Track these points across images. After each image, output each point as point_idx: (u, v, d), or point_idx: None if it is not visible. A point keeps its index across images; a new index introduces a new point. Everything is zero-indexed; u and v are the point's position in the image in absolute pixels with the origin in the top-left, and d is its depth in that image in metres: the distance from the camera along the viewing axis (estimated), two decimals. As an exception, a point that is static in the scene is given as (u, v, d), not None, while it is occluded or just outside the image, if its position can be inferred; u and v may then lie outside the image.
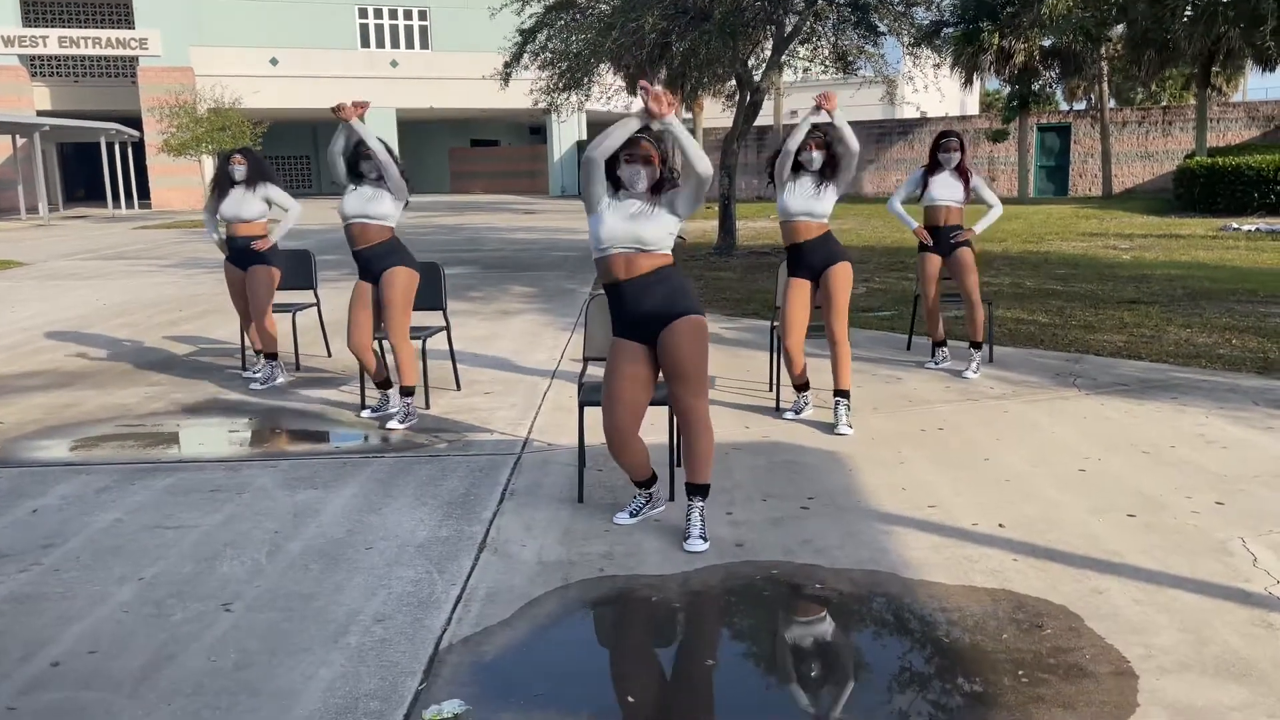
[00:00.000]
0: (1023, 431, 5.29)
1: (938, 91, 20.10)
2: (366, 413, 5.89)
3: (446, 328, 6.39)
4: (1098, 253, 14.12)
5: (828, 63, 15.66)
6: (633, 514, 4.10)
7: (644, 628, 3.24)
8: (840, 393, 5.44)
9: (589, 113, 22.55)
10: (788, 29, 14.68)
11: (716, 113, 27.81)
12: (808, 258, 5.48)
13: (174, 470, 4.87)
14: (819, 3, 13.87)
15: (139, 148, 34.57)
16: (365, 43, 38.77)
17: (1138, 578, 3.47)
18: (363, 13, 38.70)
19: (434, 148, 44.74)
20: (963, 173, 6.54)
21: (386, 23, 38.99)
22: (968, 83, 28.55)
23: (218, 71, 34.06)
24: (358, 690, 2.80)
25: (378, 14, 38.88)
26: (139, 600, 3.40)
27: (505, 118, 42.19)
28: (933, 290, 6.64)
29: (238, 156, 6.69)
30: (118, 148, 33.30)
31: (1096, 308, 9.18)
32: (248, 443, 5.45)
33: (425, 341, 6.10)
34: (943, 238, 6.57)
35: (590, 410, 4.41)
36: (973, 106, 47.94)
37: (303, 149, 46.64)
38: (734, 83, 17.48)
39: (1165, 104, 36.89)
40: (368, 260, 5.59)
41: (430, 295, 6.22)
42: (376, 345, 5.73)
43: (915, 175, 6.67)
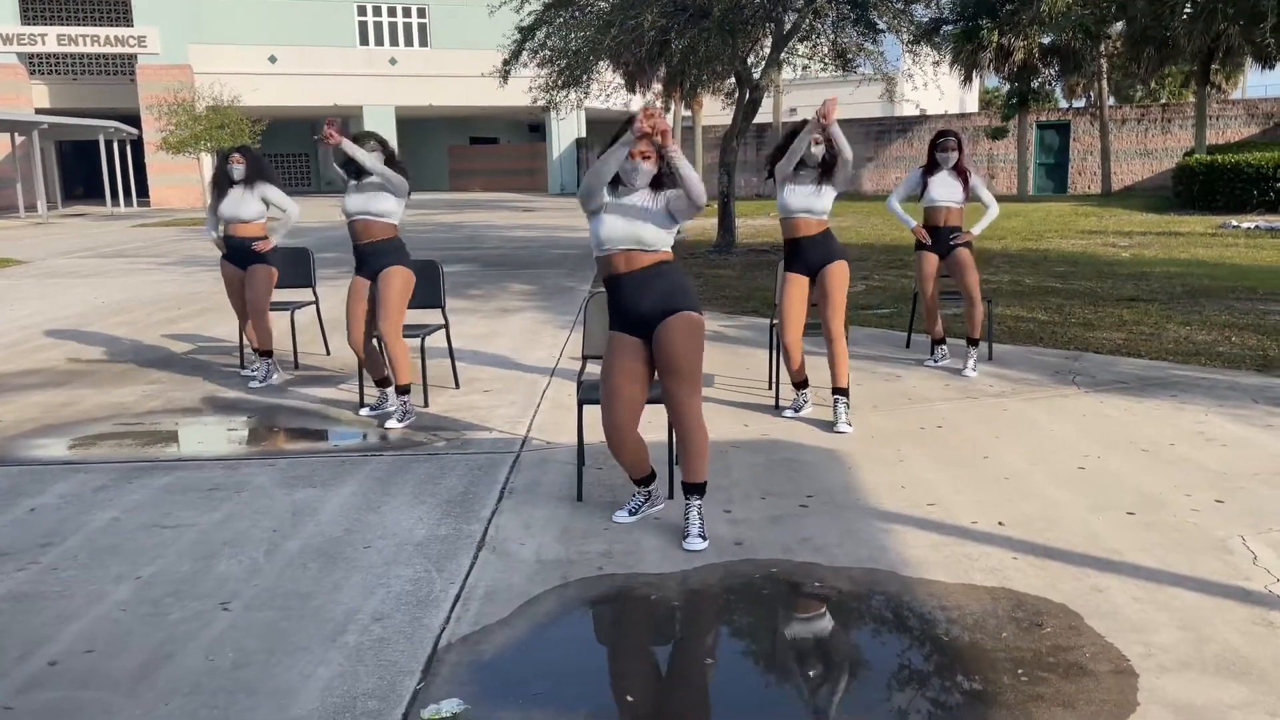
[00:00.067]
0: (1022, 429, 5.29)
1: (937, 89, 20.11)
2: (365, 411, 5.88)
3: (445, 326, 6.38)
4: (1097, 250, 14.11)
5: (827, 60, 15.66)
6: (632, 512, 4.09)
7: (643, 626, 3.23)
8: (839, 391, 5.44)
9: (588, 110, 22.57)
10: (787, 26, 14.67)
11: (716, 110, 27.81)
12: (806, 254, 5.49)
13: (172, 469, 4.86)
14: (818, 0, 13.85)
15: (138, 145, 34.55)
16: (364, 40, 38.74)
17: (1137, 576, 3.46)
18: (361, 10, 38.68)
19: (433, 145, 44.71)
20: (961, 172, 6.53)
21: (385, 20, 38.95)
22: (967, 80, 28.54)
23: (216, 69, 34.03)
24: (356, 689, 2.79)
25: (376, 11, 38.84)
26: (137, 599, 3.39)
27: (504, 115, 42.17)
28: (931, 288, 6.64)
29: (236, 155, 6.68)
30: (116, 145, 33.29)
31: (1096, 305, 9.17)
32: (246, 441, 5.44)
33: (424, 339, 6.10)
34: (942, 238, 6.56)
35: (589, 408, 4.40)
36: (972, 104, 47.90)
37: (302, 147, 46.59)
38: (733, 80, 17.48)
39: (1164, 101, 36.88)
40: (369, 256, 5.59)
41: (429, 293, 6.21)
42: (375, 344, 5.73)
43: (913, 175, 6.65)
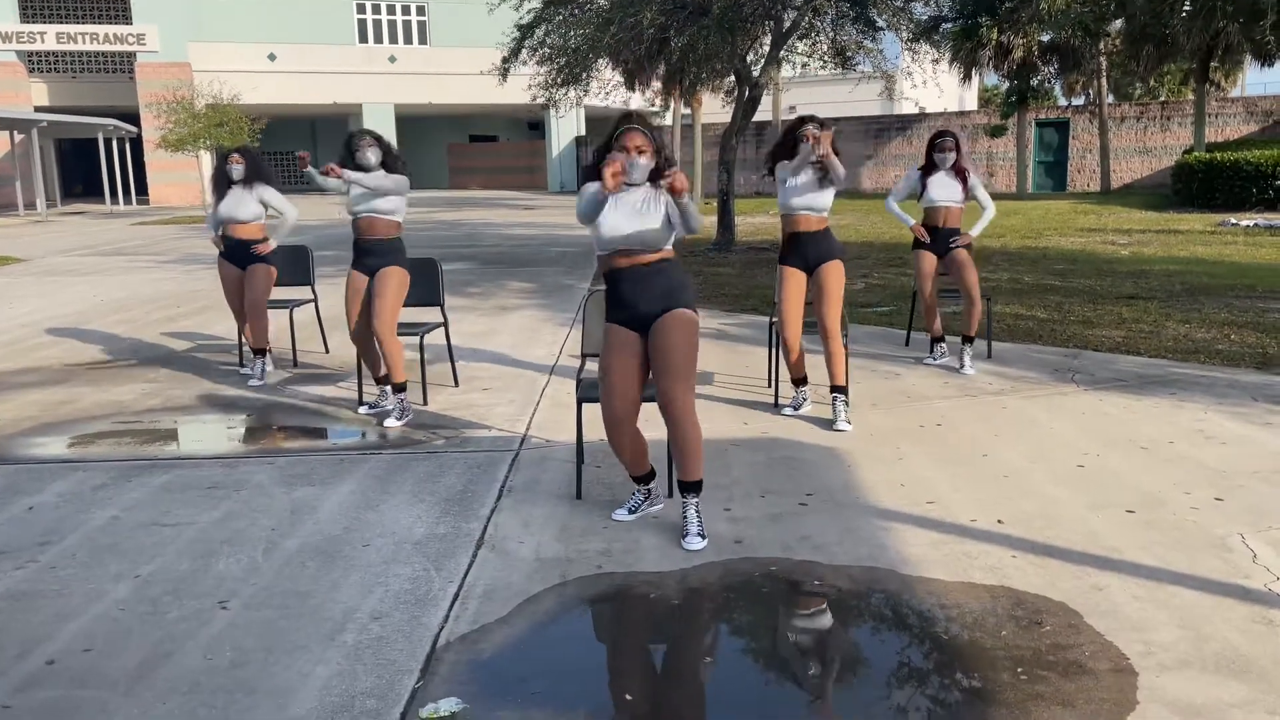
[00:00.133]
0: (1021, 427, 5.29)
1: (936, 87, 20.08)
2: (364, 409, 5.88)
3: (444, 324, 6.37)
4: (1096, 248, 14.11)
5: (826, 58, 15.65)
6: (631, 510, 4.09)
7: (642, 625, 3.23)
8: (837, 389, 5.43)
9: (587, 108, 22.54)
10: (786, 24, 14.66)
11: (715, 108, 27.78)
12: (805, 249, 5.49)
13: (171, 467, 4.86)
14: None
15: (137, 143, 34.53)
16: (364, 38, 38.71)
17: (1137, 574, 3.46)
18: (361, 8, 38.64)
19: (432, 143, 44.68)
20: (960, 172, 6.53)
21: (385, 18, 38.93)
22: (966, 78, 28.51)
23: (216, 67, 34.01)
24: (354, 689, 2.79)
25: (376, 9, 38.82)
26: (135, 598, 3.39)
27: (504, 113, 42.15)
28: (930, 287, 6.63)
29: (235, 156, 6.69)
30: (115, 143, 33.27)
31: (1095, 303, 9.16)
32: (245, 439, 5.44)
33: (423, 337, 6.09)
34: (941, 238, 6.56)
35: (588, 406, 4.39)
36: (971, 102, 47.86)
37: (301, 145, 46.57)
38: (732, 78, 17.47)
39: (1164, 99, 36.84)
40: (369, 252, 5.61)
41: (428, 291, 6.20)
42: (375, 342, 5.72)
43: (911, 176, 6.66)
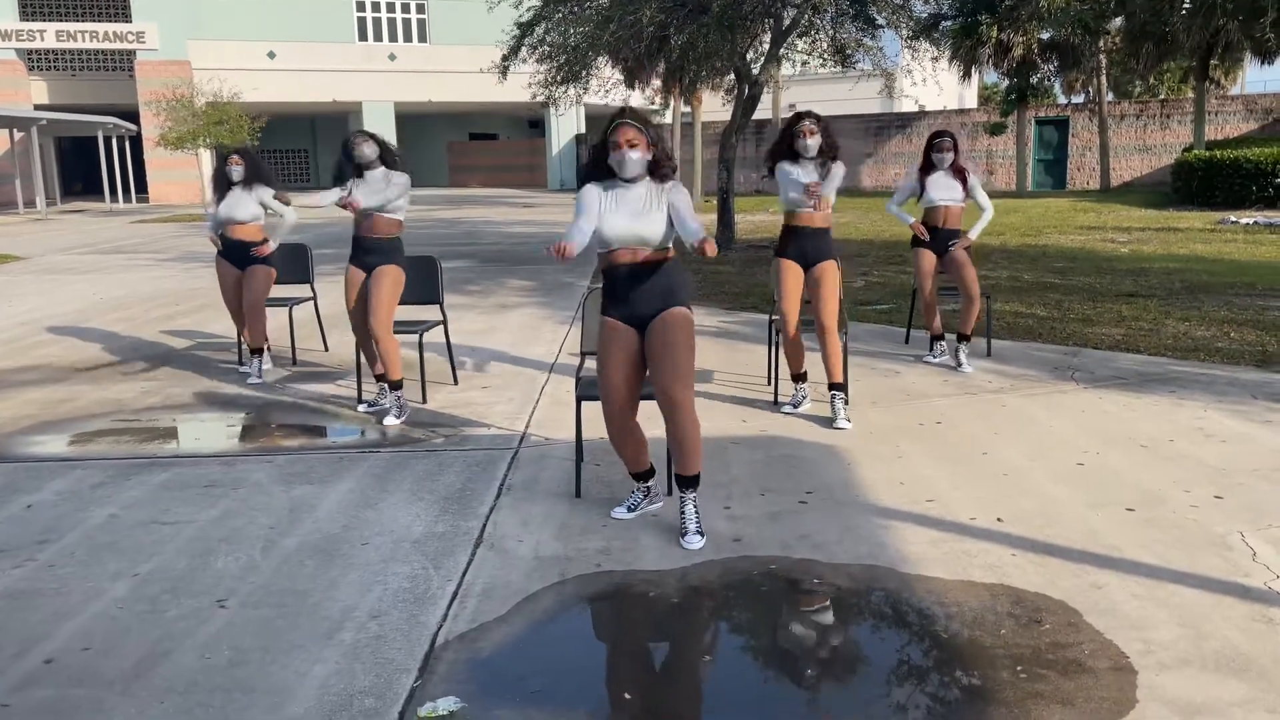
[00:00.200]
0: (1021, 425, 5.28)
1: (936, 85, 20.06)
2: (363, 407, 5.87)
3: (444, 322, 6.37)
4: (1096, 246, 14.10)
5: (826, 56, 15.63)
6: (630, 509, 4.08)
7: (641, 623, 3.22)
8: (835, 386, 5.42)
9: (587, 106, 22.51)
10: (786, 22, 14.64)
11: (715, 106, 27.77)
12: (803, 244, 5.49)
13: (170, 465, 4.85)
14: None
15: (136, 142, 34.51)
16: (363, 36, 38.67)
17: (1137, 572, 3.45)
18: (360, 6, 38.60)
19: (432, 141, 44.67)
20: (959, 171, 6.52)
21: (384, 16, 38.88)
22: (966, 76, 28.49)
23: (215, 65, 33.98)
24: (352, 687, 2.78)
25: (375, 7, 38.78)
26: (133, 596, 3.38)
27: (504, 111, 42.13)
28: (929, 284, 6.62)
29: (235, 157, 6.69)
30: (115, 142, 33.25)
31: (1094, 301, 9.16)
32: (243, 437, 5.43)
33: (422, 335, 6.09)
34: (940, 238, 6.55)
35: (587, 404, 4.39)
36: (971, 100, 47.83)
37: (301, 143, 46.54)
38: (732, 76, 17.46)
39: (1163, 97, 36.83)
40: (369, 250, 5.62)
41: (427, 289, 6.20)
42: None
43: (911, 177, 6.68)
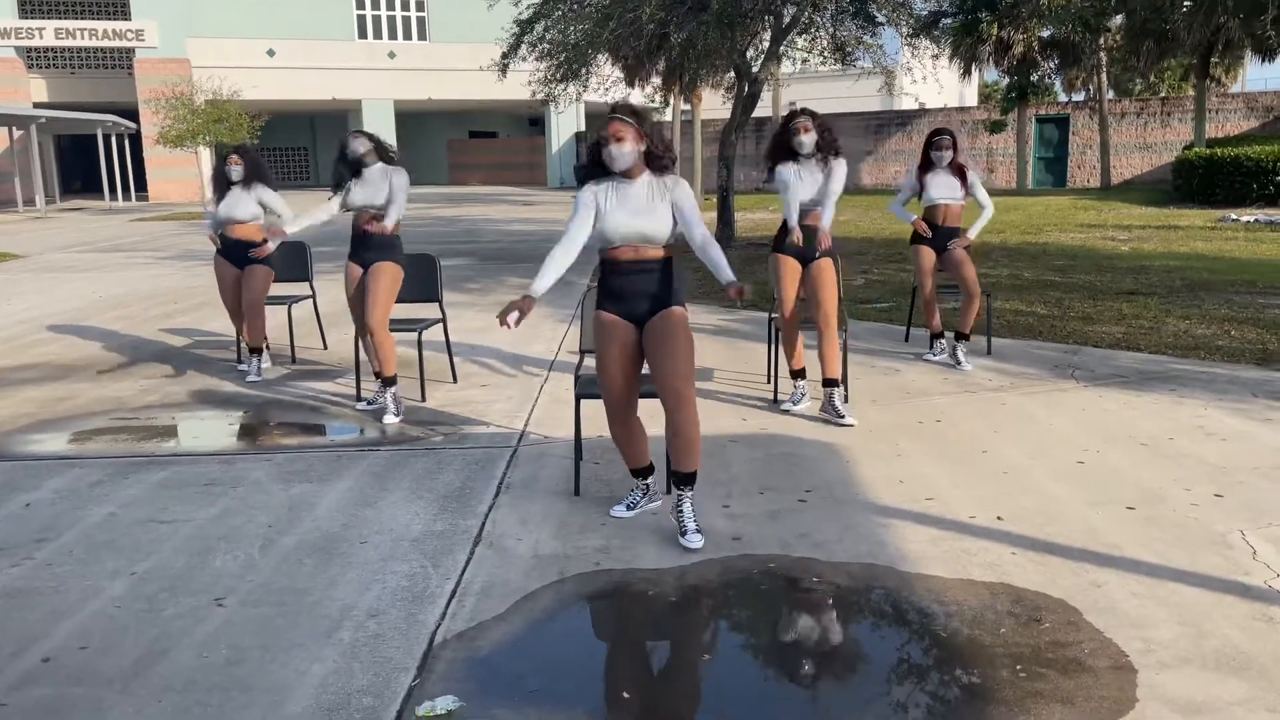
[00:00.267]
0: (1021, 424, 5.27)
1: (936, 83, 20.05)
2: (362, 405, 5.87)
3: (443, 320, 6.36)
4: (1096, 244, 14.09)
5: (826, 54, 15.62)
6: (629, 507, 4.07)
7: (640, 622, 3.21)
8: (829, 382, 5.39)
9: (587, 104, 22.51)
10: (786, 19, 14.63)
11: (715, 104, 27.74)
12: (806, 241, 5.44)
13: (168, 463, 4.84)
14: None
15: (136, 140, 34.47)
16: (363, 34, 38.62)
17: (1137, 571, 3.45)
18: (360, 4, 38.54)
19: (432, 139, 44.64)
20: (958, 169, 6.51)
21: (384, 14, 38.83)
22: (966, 74, 28.47)
23: (215, 63, 33.96)
24: (350, 686, 2.78)
25: (375, 5, 38.72)
26: (131, 595, 3.38)
27: (503, 109, 42.09)
28: (929, 282, 6.61)
29: (234, 157, 6.69)
30: (114, 140, 33.23)
31: (1095, 299, 9.15)
32: (242, 436, 5.43)
33: (421, 334, 6.08)
34: (941, 235, 6.54)
35: (586, 403, 4.38)
36: (971, 98, 47.81)
37: (301, 141, 46.53)
38: (732, 74, 17.44)
39: (1164, 95, 36.82)
40: (366, 247, 5.65)
41: (426, 287, 6.19)
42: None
43: (911, 177, 6.68)
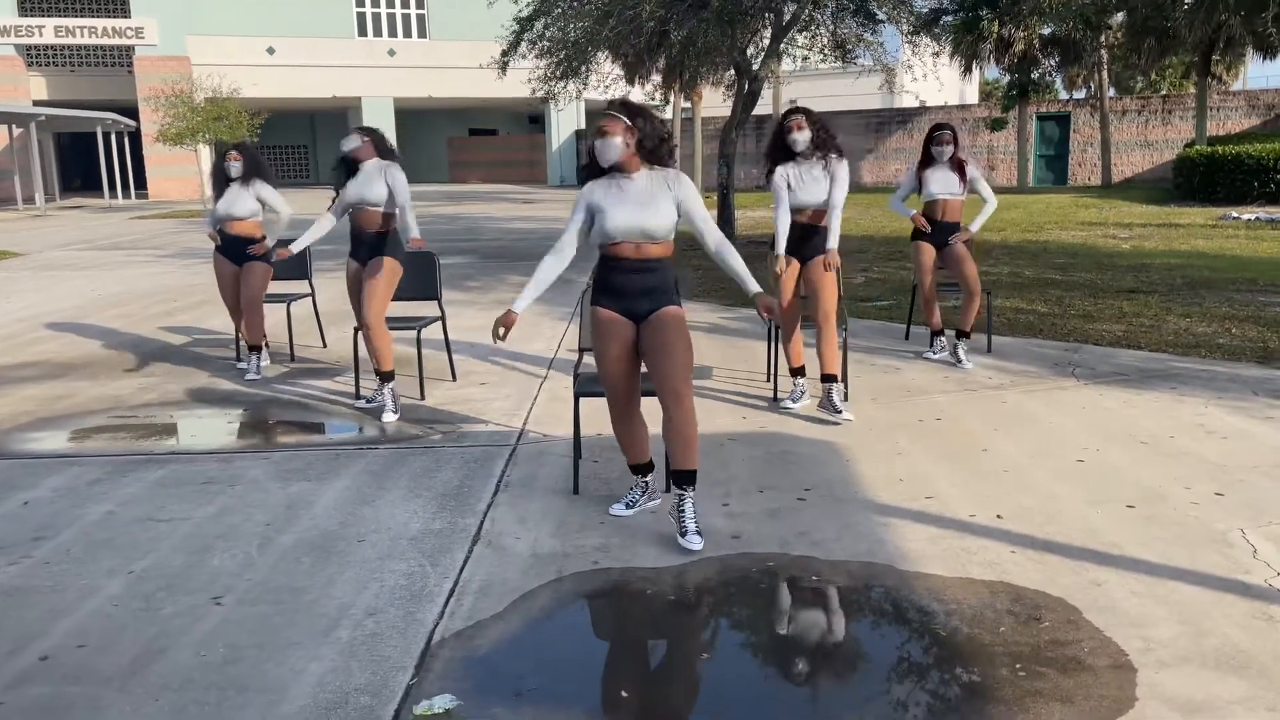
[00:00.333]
0: (1021, 422, 5.26)
1: (937, 80, 20.02)
2: (361, 403, 5.86)
3: (442, 318, 6.35)
4: (1097, 242, 14.07)
5: (826, 51, 15.61)
6: (628, 506, 4.07)
7: (639, 621, 3.21)
8: (828, 378, 5.37)
9: (587, 101, 22.49)
10: (786, 17, 14.61)
11: (715, 102, 27.72)
12: (800, 240, 5.42)
13: (167, 462, 4.84)
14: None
15: (136, 137, 34.46)
16: (363, 31, 38.58)
17: (1137, 570, 3.44)
18: (360, 1, 38.49)
19: (432, 137, 44.60)
20: (958, 164, 6.50)
21: (384, 11, 38.78)
22: (967, 71, 28.44)
23: (214, 61, 33.93)
24: (348, 685, 2.77)
25: (375, 2, 38.65)
26: (129, 594, 3.37)
27: (503, 107, 42.06)
28: (929, 278, 6.60)
29: (233, 153, 6.68)
30: (114, 138, 33.22)
31: (1095, 297, 9.14)
32: (241, 434, 5.42)
33: (420, 332, 6.07)
34: (940, 230, 6.53)
35: (585, 401, 4.37)
36: (972, 95, 47.79)
37: (301, 139, 46.50)
38: (732, 72, 17.42)
39: (1165, 92, 36.80)
40: (363, 243, 5.67)
41: (425, 285, 6.18)
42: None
43: (911, 173, 6.66)
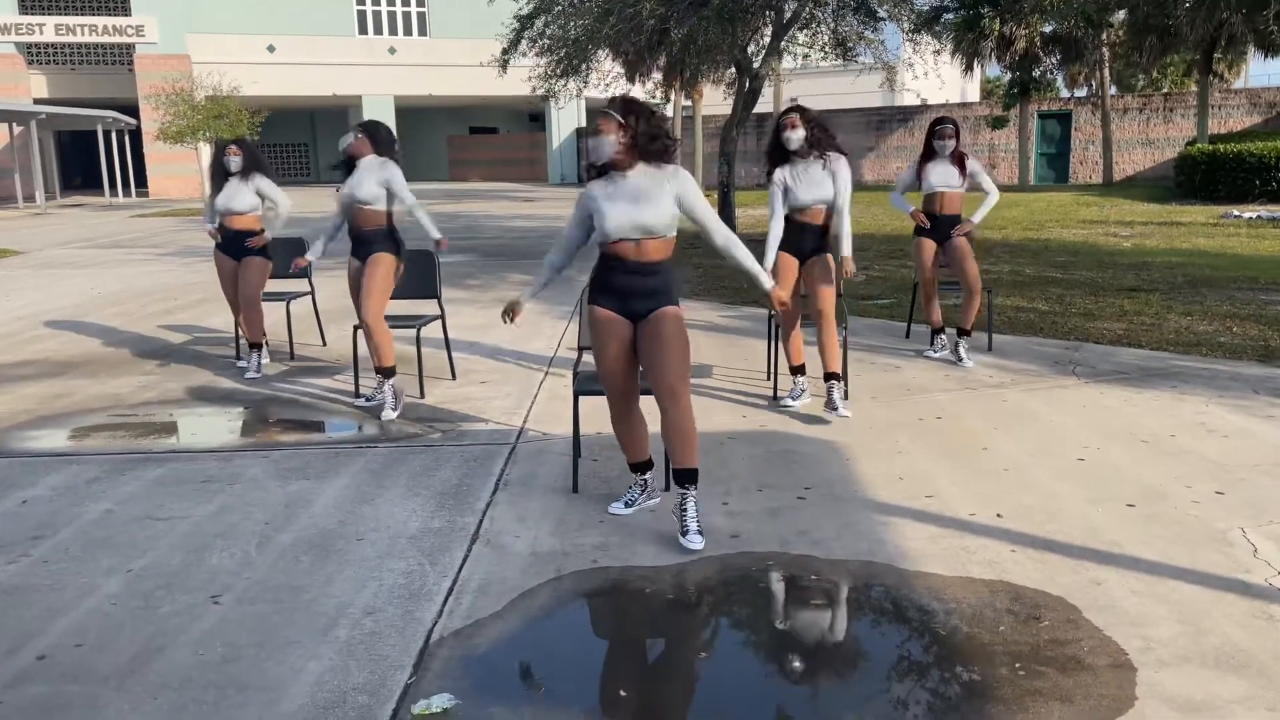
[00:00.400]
0: (1021, 420, 5.25)
1: (938, 78, 20.02)
2: (361, 401, 5.86)
3: (441, 316, 6.34)
4: (1098, 240, 14.06)
5: (827, 49, 15.60)
6: (627, 504, 4.06)
7: (638, 620, 3.20)
8: (830, 376, 5.37)
9: (588, 99, 22.47)
10: (787, 15, 14.60)
11: (716, 100, 27.68)
12: (801, 239, 5.40)
13: (166, 460, 4.83)
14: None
15: (136, 136, 34.47)
16: (363, 29, 38.55)
17: (1137, 569, 3.43)
18: (360, -1, 38.54)
19: (432, 135, 44.59)
20: (958, 158, 6.48)
21: (384, 9, 38.74)
22: (968, 69, 28.40)
23: (215, 59, 33.93)
24: (346, 684, 2.76)
25: (375, 0, 38.65)
26: (127, 592, 3.36)
27: (504, 105, 42.03)
28: (930, 275, 6.59)
29: (233, 148, 6.68)
30: (115, 136, 33.22)
31: (1096, 295, 9.13)
32: (240, 432, 5.41)
33: (419, 330, 6.07)
34: (940, 225, 6.52)
35: (585, 400, 4.37)
36: (973, 93, 47.76)
37: (301, 137, 46.49)
38: (733, 70, 17.42)
39: (1166, 91, 36.75)
40: (360, 240, 5.68)
41: (424, 283, 6.17)
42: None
43: (912, 167, 6.65)
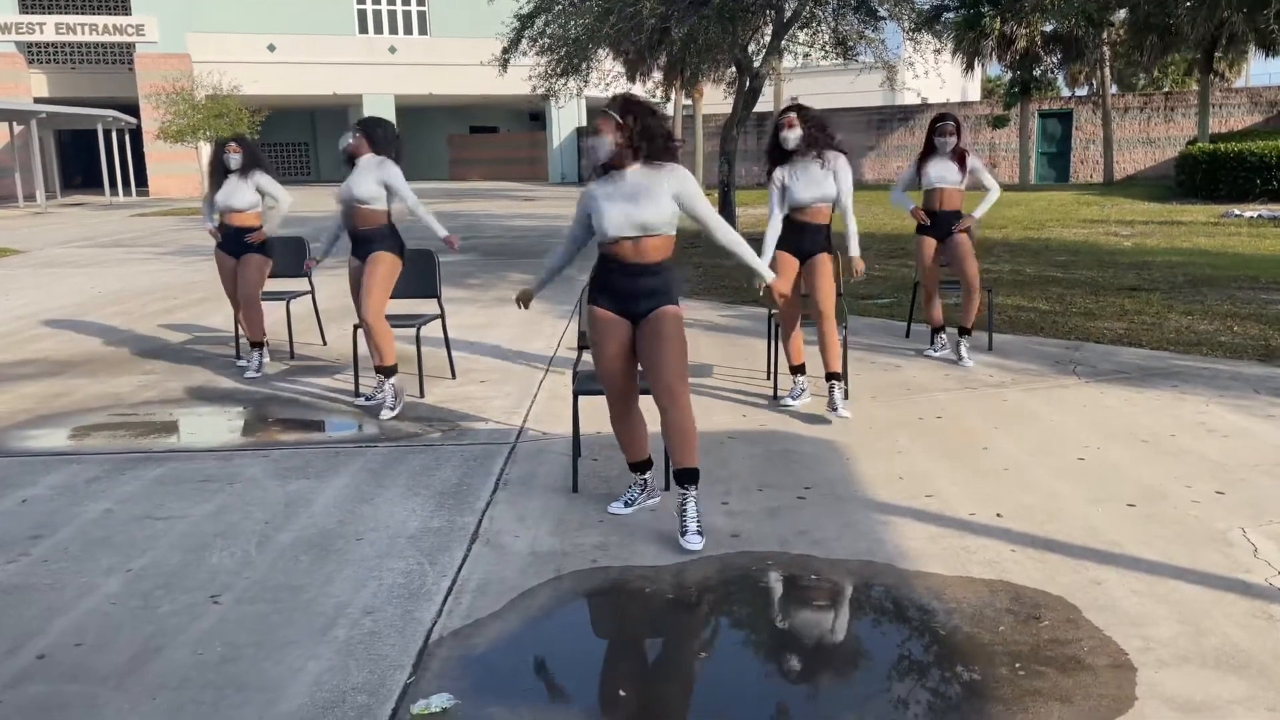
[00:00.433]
0: (1021, 420, 5.25)
1: (938, 77, 20.01)
2: (361, 400, 5.85)
3: (441, 315, 6.34)
4: (1099, 239, 14.06)
5: (828, 48, 15.60)
6: (627, 504, 4.06)
7: (637, 620, 3.20)
8: (832, 376, 5.37)
9: (588, 99, 22.47)
10: (787, 14, 14.59)
11: (717, 99, 27.68)
12: (800, 237, 5.38)
13: (165, 460, 4.83)
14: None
15: (136, 135, 34.47)
16: (364, 28, 38.54)
17: (1137, 568, 3.43)
18: (360, -2, 38.52)
19: (433, 134, 44.59)
20: (959, 154, 6.48)
21: (385, 8, 38.73)
22: (969, 68, 28.39)
23: (215, 58, 33.93)
24: (345, 684, 2.76)
25: (375, -1, 38.71)
26: (127, 592, 3.36)
27: (504, 104, 42.03)
28: (930, 272, 6.59)
29: (232, 145, 6.68)
30: (115, 135, 33.22)
31: (1097, 295, 9.12)
32: (240, 432, 5.41)
33: (419, 329, 6.06)
34: (940, 221, 6.51)
35: (585, 399, 4.36)
36: (974, 92, 47.74)
37: (301, 136, 46.49)
38: (733, 69, 17.41)
39: (1167, 90, 36.73)
40: (358, 240, 5.69)
41: (424, 283, 6.17)
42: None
43: (912, 164, 6.66)
